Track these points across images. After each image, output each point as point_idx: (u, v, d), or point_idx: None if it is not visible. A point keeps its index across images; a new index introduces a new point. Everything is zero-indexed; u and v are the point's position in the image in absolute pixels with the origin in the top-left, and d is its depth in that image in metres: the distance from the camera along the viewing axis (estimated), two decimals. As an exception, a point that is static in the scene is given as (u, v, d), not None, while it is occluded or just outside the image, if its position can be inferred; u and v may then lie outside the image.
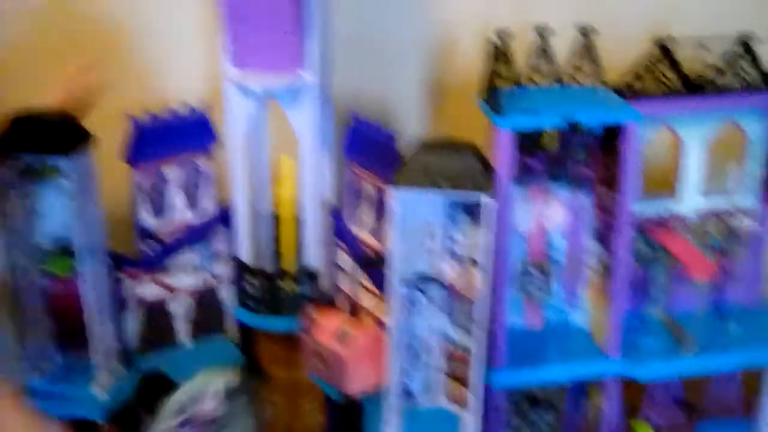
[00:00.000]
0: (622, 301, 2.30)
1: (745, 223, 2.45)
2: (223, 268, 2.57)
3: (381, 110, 2.81)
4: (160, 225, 2.51)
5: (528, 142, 2.29)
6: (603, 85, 2.28)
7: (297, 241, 2.50)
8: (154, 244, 2.51)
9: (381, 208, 2.34)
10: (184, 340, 2.58)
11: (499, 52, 2.20)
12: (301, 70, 2.30)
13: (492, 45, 2.20)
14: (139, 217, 2.48)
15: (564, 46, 2.27)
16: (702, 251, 2.43)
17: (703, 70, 2.35)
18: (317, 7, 2.28)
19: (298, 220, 2.49)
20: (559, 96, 2.25)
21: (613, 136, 2.22)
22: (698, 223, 2.46)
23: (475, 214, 2.09)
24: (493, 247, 2.20)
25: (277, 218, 2.55)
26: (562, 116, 2.13)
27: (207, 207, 2.55)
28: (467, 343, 2.17)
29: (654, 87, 2.34)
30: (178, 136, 2.46)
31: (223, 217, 2.52)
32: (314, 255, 2.46)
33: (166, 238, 2.51)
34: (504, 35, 2.18)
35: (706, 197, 2.45)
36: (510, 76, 2.24)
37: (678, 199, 2.44)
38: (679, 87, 2.33)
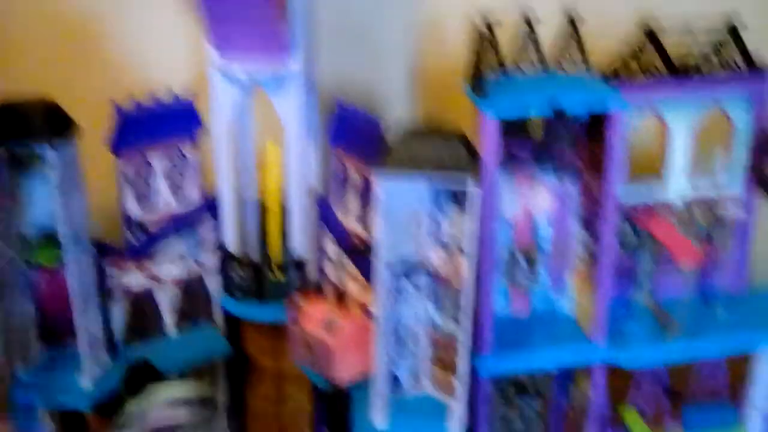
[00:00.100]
0: (608, 287, 2.30)
1: (731, 210, 2.45)
2: (209, 257, 2.56)
3: (367, 97, 2.80)
4: (146, 214, 2.50)
5: (514, 129, 2.28)
6: (589, 72, 2.28)
7: (283, 230, 2.49)
8: (139, 233, 2.50)
9: (367, 196, 2.33)
10: (171, 330, 2.57)
11: (485, 39, 2.19)
12: (287, 57, 2.29)
13: (478, 31, 2.19)
14: (124, 206, 2.47)
15: (550, 32, 2.26)
16: (688, 238, 2.43)
17: (690, 57, 2.35)
18: (302, -6, 2.28)
19: (284, 208, 2.48)
20: (545, 82, 2.24)
21: (599, 123, 2.22)
22: (684, 209, 2.46)
23: (461, 201, 2.08)
24: (480, 234, 2.20)
25: (263, 206, 2.54)
26: (548, 103, 2.13)
27: (192, 195, 2.54)
28: (454, 331, 2.17)
29: (640, 73, 2.34)
30: (163, 124, 2.45)
31: (209, 205, 2.51)
32: (300, 243, 2.46)
33: (152, 227, 2.50)
34: (490, 22, 2.17)
35: (692, 184, 2.45)
36: (496, 63, 2.23)
37: (664, 186, 2.44)
38: (665, 73, 2.33)
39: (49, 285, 2.40)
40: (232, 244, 2.49)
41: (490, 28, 2.18)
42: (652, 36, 2.32)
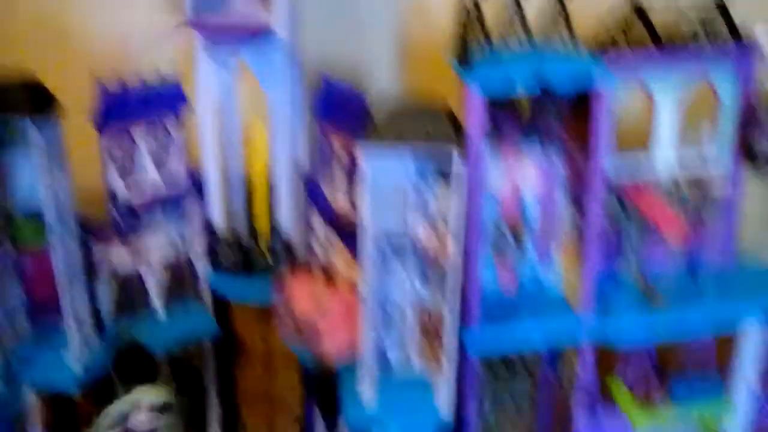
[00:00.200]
0: (595, 262, 2.30)
1: (718, 184, 2.45)
2: (196, 236, 2.55)
3: (352, 72, 2.78)
4: (131, 192, 2.48)
5: (501, 104, 2.28)
6: (576, 47, 2.27)
7: (270, 207, 2.48)
8: (125, 212, 2.48)
9: (353, 172, 2.32)
10: (158, 310, 2.56)
11: (472, 13, 2.18)
12: (271, 31, 2.27)
13: (464, 5, 2.18)
14: (109, 185, 2.45)
15: (537, 6, 2.25)
16: (675, 212, 2.43)
17: (677, 31, 2.35)
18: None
19: (270, 185, 2.47)
20: (532, 57, 2.23)
21: (585, 97, 2.21)
22: (671, 184, 2.46)
23: (447, 176, 2.07)
24: (466, 209, 2.19)
25: (249, 184, 2.53)
26: (535, 78, 2.12)
27: (178, 173, 2.52)
28: (440, 307, 2.17)
29: (627, 48, 2.33)
30: (148, 102, 2.43)
31: (196, 183, 2.50)
32: (287, 221, 2.45)
33: (138, 206, 2.48)
34: (476, -5, 2.16)
35: (679, 158, 2.45)
36: (482, 38, 2.22)
37: (651, 161, 2.44)
38: (653, 48, 2.32)
39: (35, 265, 2.38)
40: (219, 223, 2.48)
41: (476, 2, 2.17)
42: (639, 11, 2.31)
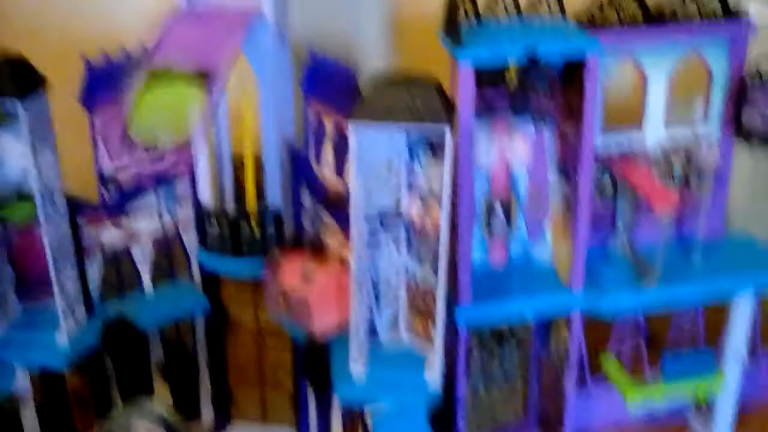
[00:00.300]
0: (585, 234, 2.30)
1: (708, 157, 2.45)
2: (185, 212, 2.54)
3: (341, 47, 2.77)
4: (120, 169, 2.47)
5: (490, 78, 2.27)
6: (565, 19, 2.26)
7: (259, 183, 2.47)
8: (114, 189, 2.47)
9: (343, 146, 2.31)
10: (148, 286, 2.56)
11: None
12: (257, 5, 2.25)
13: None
14: (98, 162, 2.44)
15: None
16: (665, 185, 2.43)
17: (667, 3, 2.34)
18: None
19: (259, 161, 2.46)
20: (521, 29, 2.22)
21: (575, 71, 2.20)
22: (661, 157, 2.45)
23: (436, 150, 2.07)
24: (456, 183, 2.19)
25: (238, 160, 2.52)
26: (524, 50, 2.11)
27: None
28: (431, 280, 2.16)
29: (617, 20, 2.32)
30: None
31: (185, 159, 2.48)
32: (276, 196, 2.44)
33: (126, 183, 2.47)
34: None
35: (669, 130, 2.45)
36: (471, 11, 2.21)
37: (641, 133, 2.43)
38: (642, 20, 2.31)
39: (24, 243, 2.37)
40: (208, 199, 2.47)
41: (464, -27, 2.16)
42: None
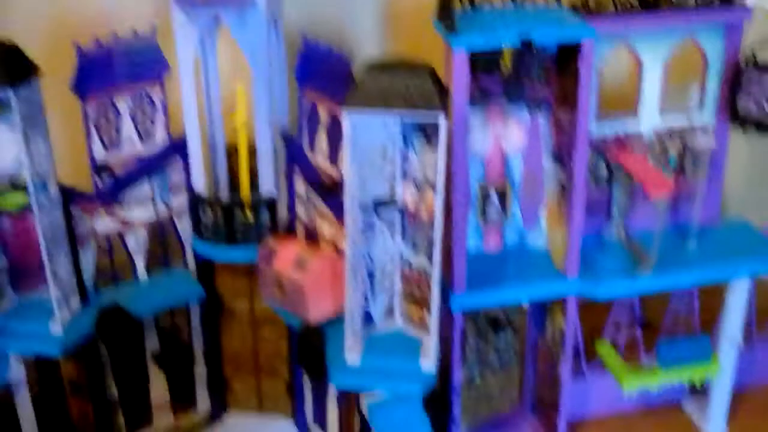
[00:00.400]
0: (580, 220, 2.29)
1: (703, 142, 2.44)
2: (179, 200, 2.53)
3: (335, 34, 2.76)
4: (113, 157, 2.46)
5: (484, 64, 2.26)
6: (559, 4, 2.25)
7: (253, 170, 2.47)
8: (107, 177, 2.46)
9: (337, 134, 2.30)
10: (142, 274, 2.55)
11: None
12: (251, -6, 2.24)
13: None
14: (91, 150, 2.43)
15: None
16: (660, 170, 2.42)
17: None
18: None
19: (253, 148, 2.45)
20: (515, 15, 2.21)
21: (570, 55, 2.19)
22: (657, 142, 2.45)
23: (430, 136, 2.06)
24: (451, 169, 2.18)
25: (232, 148, 2.51)
26: (519, 35, 2.10)
27: (160, 137, 2.50)
28: (425, 267, 2.16)
29: (612, 5, 2.31)
30: (128, 66, 2.40)
31: (178, 147, 2.47)
32: (270, 183, 2.43)
33: (120, 171, 2.46)
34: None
35: (664, 116, 2.44)
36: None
37: (636, 119, 2.43)
38: (637, 4, 2.30)
39: (18, 231, 2.37)
40: (202, 186, 2.47)
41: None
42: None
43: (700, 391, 2.73)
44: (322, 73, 2.31)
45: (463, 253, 2.26)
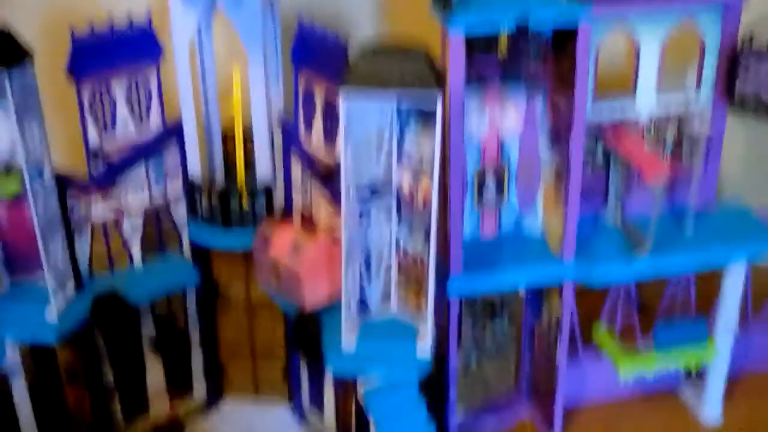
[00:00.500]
0: (577, 204, 2.29)
1: (700, 125, 2.44)
2: (176, 185, 2.52)
3: (330, 15, 2.74)
4: (109, 142, 2.45)
5: (481, 47, 2.25)
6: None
7: (248, 154, 2.45)
8: (103, 163, 2.45)
9: (332, 118, 2.29)
10: (138, 260, 2.54)
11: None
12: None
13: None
14: (86, 135, 2.42)
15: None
16: (657, 154, 2.42)
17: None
18: None
19: (249, 133, 2.44)
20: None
21: (566, 37, 2.18)
22: (653, 126, 2.44)
23: (427, 120, 2.05)
24: (447, 154, 2.17)
25: (228, 132, 2.50)
26: (515, 17, 2.09)
27: (155, 122, 2.49)
28: (421, 252, 2.15)
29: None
30: (123, 50, 2.39)
31: (173, 132, 2.46)
32: (266, 167, 2.42)
33: (115, 156, 2.45)
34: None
35: (661, 100, 2.43)
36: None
37: (633, 102, 2.42)
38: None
39: (13, 217, 2.35)
40: (198, 171, 2.45)
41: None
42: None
43: (695, 378, 2.73)
44: (318, 57, 2.30)
45: (460, 237, 2.26)
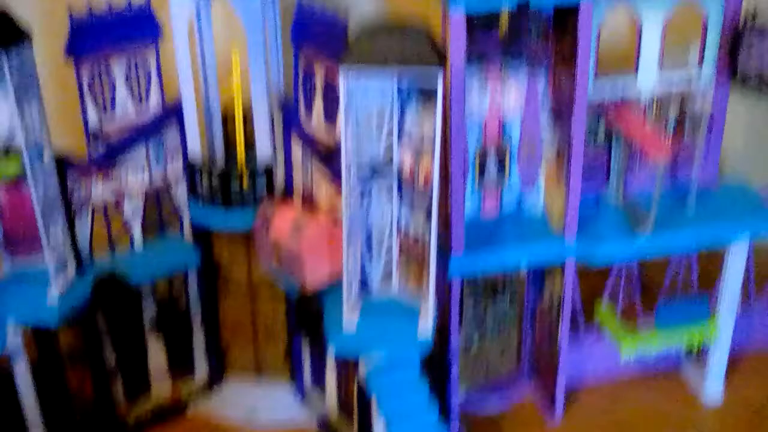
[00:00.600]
0: (578, 182, 2.28)
1: (702, 102, 2.43)
2: (176, 166, 2.51)
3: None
4: (108, 123, 2.44)
5: (481, 21, 2.23)
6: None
7: (248, 134, 2.44)
8: (102, 144, 2.44)
9: (333, 97, 2.28)
10: (139, 241, 2.54)
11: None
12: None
13: None
14: (85, 117, 2.41)
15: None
16: (659, 132, 2.41)
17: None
18: None
19: (249, 113, 2.43)
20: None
21: (568, 15, 2.17)
22: (656, 104, 2.43)
23: (427, 99, 2.04)
24: (449, 132, 2.16)
25: (227, 112, 2.49)
26: (516, -6, 2.08)
27: (155, 103, 2.48)
28: (423, 231, 2.15)
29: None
30: (122, 30, 2.37)
31: (173, 113, 2.45)
32: (266, 147, 2.41)
33: (115, 137, 2.44)
34: None
35: (663, 78, 2.42)
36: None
37: (635, 80, 2.41)
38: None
39: (12, 199, 2.35)
40: (198, 152, 2.45)
41: None
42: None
43: (697, 357, 2.73)
44: (318, 35, 2.29)
45: (461, 217, 2.25)
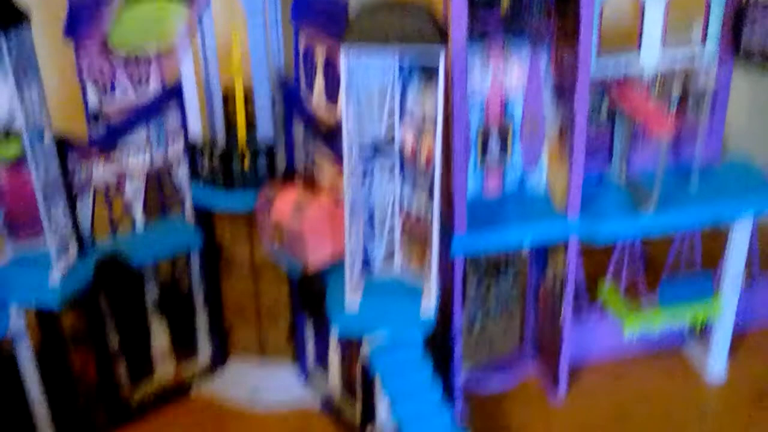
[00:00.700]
0: (581, 160, 2.27)
1: (705, 80, 2.41)
2: (177, 147, 2.50)
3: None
4: (109, 104, 2.43)
5: (483, 1, 2.22)
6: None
7: (250, 116, 2.43)
8: (103, 125, 2.43)
9: (334, 76, 2.27)
10: (140, 223, 2.53)
11: None
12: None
13: None
14: (85, 98, 2.40)
15: None
16: (662, 108, 2.39)
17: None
18: None
19: (250, 93, 2.42)
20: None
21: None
22: (659, 80, 2.42)
23: (429, 77, 2.03)
24: (451, 111, 2.15)
25: (228, 93, 2.48)
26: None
27: (155, 84, 2.47)
28: (425, 211, 2.14)
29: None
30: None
31: (174, 93, 2.44)
32: (268, 128, 2.40)
33: (116, 118, 2.43)
34: None
35: (666, 54, 2.41)
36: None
37: (638, 57, 2.39)
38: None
39: (13, 181, 2.34)
40: (199, 133, 2.44)
41: None
42: None
43: (700, 335, 2.73)
44: (318, 14, 2.27)
45: (464, 196, 2.25)
